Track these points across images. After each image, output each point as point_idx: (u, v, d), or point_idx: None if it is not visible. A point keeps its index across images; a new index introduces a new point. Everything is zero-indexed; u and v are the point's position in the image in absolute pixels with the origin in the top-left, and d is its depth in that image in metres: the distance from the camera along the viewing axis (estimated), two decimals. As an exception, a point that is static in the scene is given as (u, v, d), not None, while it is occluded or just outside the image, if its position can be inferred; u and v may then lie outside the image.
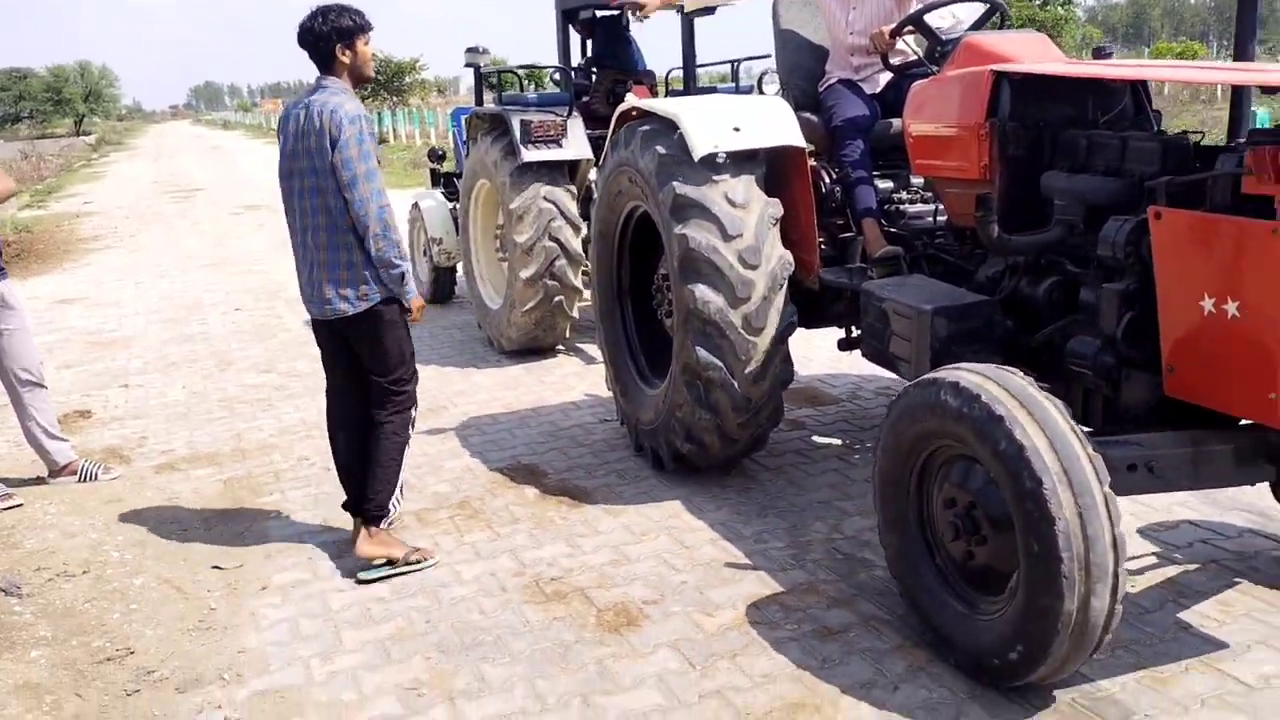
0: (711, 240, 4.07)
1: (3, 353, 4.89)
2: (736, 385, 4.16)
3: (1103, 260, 3.23)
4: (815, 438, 5.19)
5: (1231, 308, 2.78)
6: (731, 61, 7.38)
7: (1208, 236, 2.85)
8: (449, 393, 6.33)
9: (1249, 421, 2.93)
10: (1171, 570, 3.66)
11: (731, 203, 4.10)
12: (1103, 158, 3.38)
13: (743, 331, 4.09)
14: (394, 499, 4.02)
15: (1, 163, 32.60)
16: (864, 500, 4.29)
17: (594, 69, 7.50)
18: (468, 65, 7.89)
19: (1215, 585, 3.53)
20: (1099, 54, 4.80)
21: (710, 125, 4.16)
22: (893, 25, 4.48)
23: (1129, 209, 3.15)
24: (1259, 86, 3.42)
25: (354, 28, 3.82)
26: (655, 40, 8.27)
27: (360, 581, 3.88)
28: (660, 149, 4.26)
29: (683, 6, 6.15)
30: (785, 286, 4.19)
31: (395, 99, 47.34)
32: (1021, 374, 2.86)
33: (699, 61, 6.58)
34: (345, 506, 4.19)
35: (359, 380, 4.02)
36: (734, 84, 7.35)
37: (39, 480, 5.10)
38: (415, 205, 8.83)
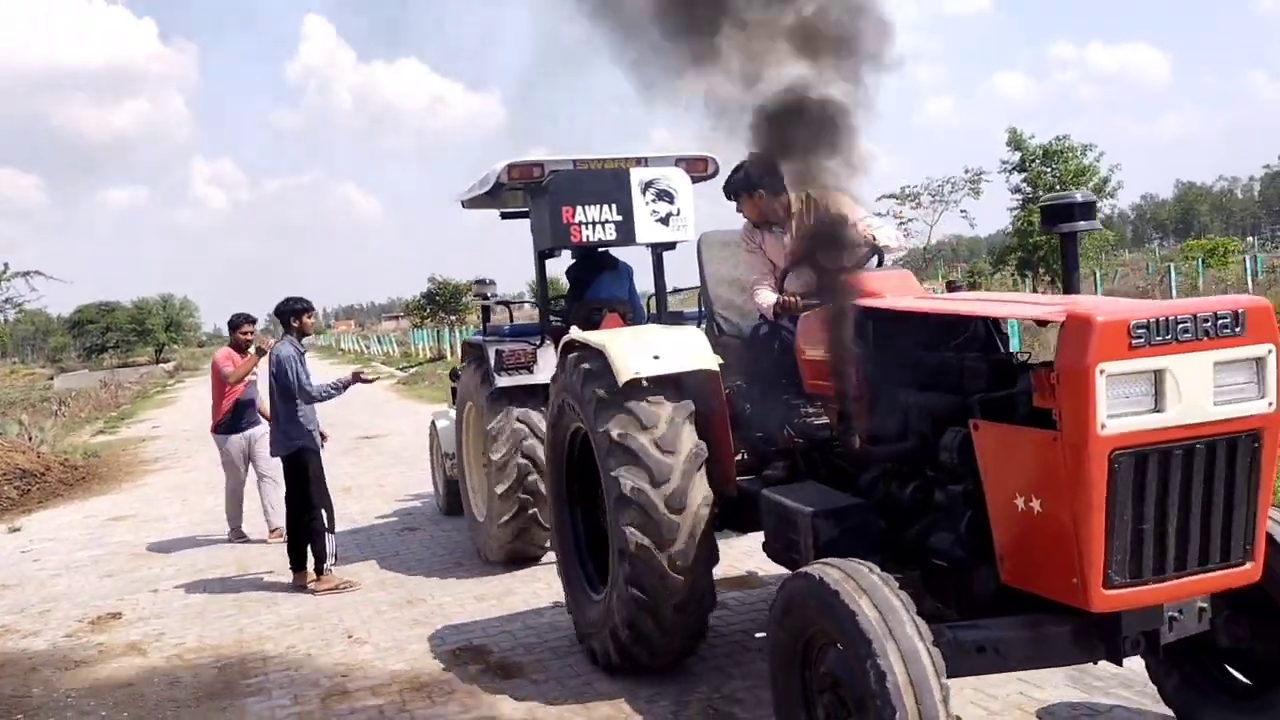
0: (630, 430, 4.55)
1: None
2: (664, 564, 4.48)
3: (944, 465, 3.70)
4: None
5: (1036, 504, 3.23)
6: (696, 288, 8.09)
7: (1012, 444, 3.33)
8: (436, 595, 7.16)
9: None
10: None
11: (648, 401, 4.62)
12: (945, 377, 3.87)
13: (665, 511, 4.47)
14: None
15: (81, 392, 34.74)
16: (734, 664, 4.98)
17: (573, 299, 8.08)
18: (475, 295, 8.75)
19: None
20: (951, 287, 5.58)
21: (633, 354, 4.66)
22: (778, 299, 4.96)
23: (961, 420, 3.58)
24: (1031, 319, 3.97)
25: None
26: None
27: None
28: (592, 381, 4.80)
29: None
30: (702, 471, 4.57)
31: (454, 317, 49.92)
32: (877, 569, 3.25)
33: (681, 286, 7.44)
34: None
35: None
36: (699, 309, 8.02)
37: (64, 667, 5.98)
38: (432, 423, 9.68)
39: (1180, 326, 3.02)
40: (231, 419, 9.22)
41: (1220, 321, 3.05)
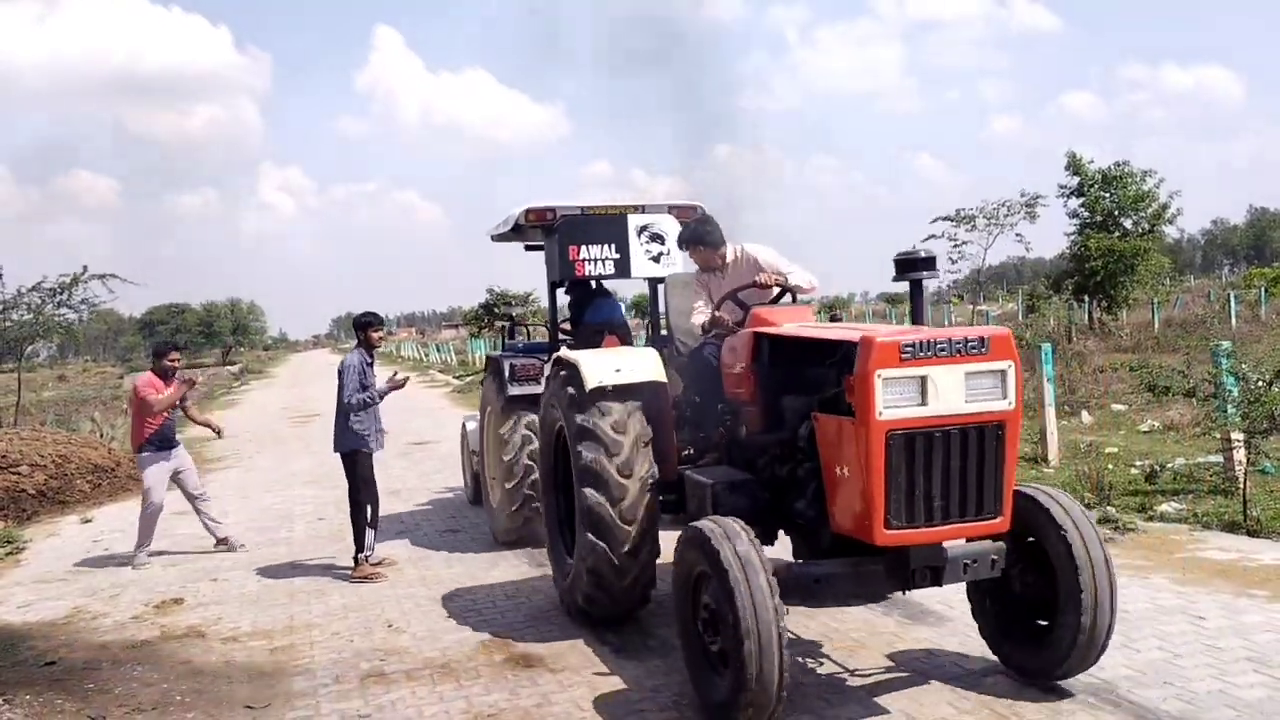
0: (599, 458, 5.59)
1: None
2: (615, 561, 5.59)
3: (801, 449, 4.93)
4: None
5: (846, 471, 4.45)
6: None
7: (834, 429, 4.55)
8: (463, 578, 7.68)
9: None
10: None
11: (615, 429, 5.64)
12: (810, 384, 5.00)
13: (619, 522, 5.55)
14: None
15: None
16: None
17: (573, 322, 9.15)
18: (502, 317, 9.64)
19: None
20: (833, 318, 6.59)
21: (600, 368, 5.81)
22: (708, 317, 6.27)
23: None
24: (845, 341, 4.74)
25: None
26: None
27: None
28: (570, 388, 5.92)
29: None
30: (653, 490, 5.64)
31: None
32: (740, 522, 4.43)
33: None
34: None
35: None
36: None
37: (130, 644, 6.58)
38: (463, 424, 10.71)
39: (939, 346, 4.17)
40: (158, 437, 9.35)
41: (970, 344, 4.23)
